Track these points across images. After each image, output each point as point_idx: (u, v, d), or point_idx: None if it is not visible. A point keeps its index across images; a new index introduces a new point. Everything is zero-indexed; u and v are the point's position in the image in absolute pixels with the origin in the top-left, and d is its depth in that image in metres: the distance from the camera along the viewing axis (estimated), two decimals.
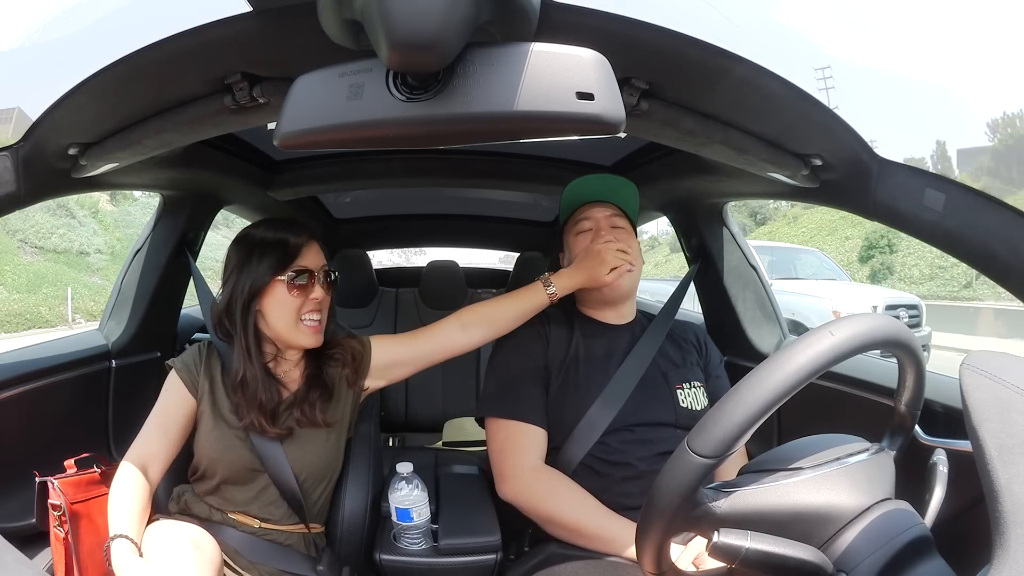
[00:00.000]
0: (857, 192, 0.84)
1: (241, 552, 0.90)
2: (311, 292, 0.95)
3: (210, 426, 0.94)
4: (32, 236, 12.76)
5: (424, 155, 1.52)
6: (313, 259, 0.97)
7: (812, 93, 0.72)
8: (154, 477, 0.91)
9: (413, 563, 1.00)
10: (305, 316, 0.95)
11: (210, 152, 1.21)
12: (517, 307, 1.04)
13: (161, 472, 0.93)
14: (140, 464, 0.89)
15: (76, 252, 12.84)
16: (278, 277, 0.93)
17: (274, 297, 0.94)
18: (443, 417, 2.06)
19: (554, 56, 0.52)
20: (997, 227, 0.68)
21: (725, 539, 0.53)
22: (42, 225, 13.09)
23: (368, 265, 2.20)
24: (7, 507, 0.95)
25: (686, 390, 1.03)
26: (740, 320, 1.35)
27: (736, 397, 0.51)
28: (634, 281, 1.06)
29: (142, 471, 0.88)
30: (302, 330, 0.95)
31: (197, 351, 1.00)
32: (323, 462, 0.97)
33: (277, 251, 0.94)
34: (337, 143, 0.56)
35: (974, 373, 0.45)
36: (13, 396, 1.01)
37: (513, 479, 0.97)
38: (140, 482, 0.87)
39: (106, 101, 0.77)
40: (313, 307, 0.95)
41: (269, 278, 0.93)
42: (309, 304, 0.95)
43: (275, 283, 0.94)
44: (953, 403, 0.87)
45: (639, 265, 1.06)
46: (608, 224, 1.07)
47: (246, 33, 0.64)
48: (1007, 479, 0.39)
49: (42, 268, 12.07)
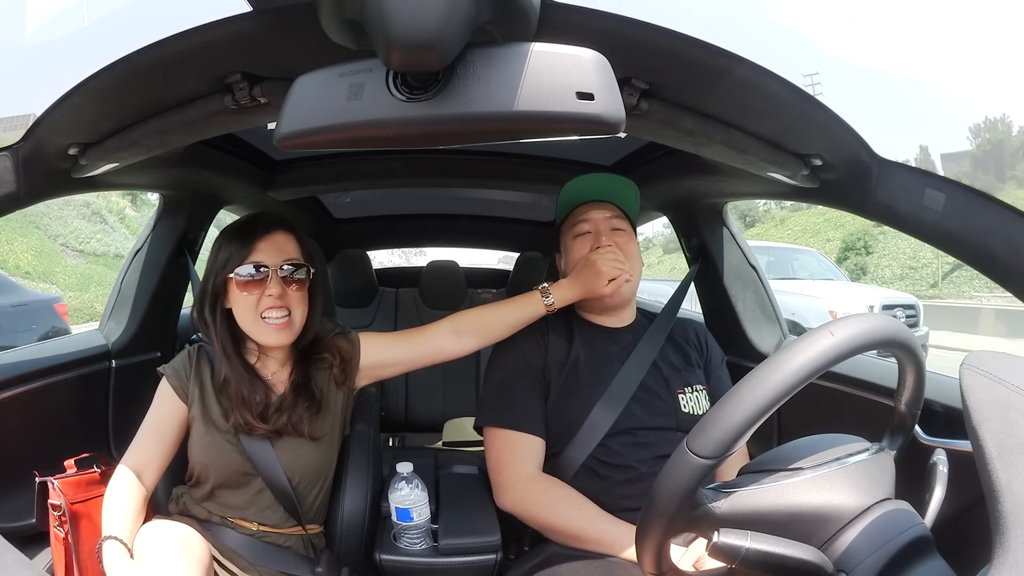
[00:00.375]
0: (857, 192, 0.84)
1: (240, 553, 0.90)
2: (266, 288, 0.90)
3: (201, 432, 0.93)
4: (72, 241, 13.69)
5: (424, 155, 1.52)
6: (271, 253, 0.92)
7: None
8: (149, 483, 0.90)
9: (413, 563, 1.00)
10: (265, 313, 0.91)
11: (210, 152, 1.21)
12: (512, 316, 1.02)
13: (156, 478, 0.92)
14: (135, 470, 0.89)
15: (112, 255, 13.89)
16: (229, 275, 0.91)
17: (232, 294, 0.92)
18: (443, 417, 2.06)
19: (554, 56, 0.52)
20: (997, 227, 0.68)
21: (725, 539, 0.52)
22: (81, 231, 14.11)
23: (368, 265, 2.20)
24: (7, 507, 0.95)
25: (688, 394, 1.03)
26: (740, 320, 1.35)
27: (736, 398, 0.51)
28: (634, 288, 1.05)
29: (137, 476, 0.88)
30: (264, 328, 0.91)
31: (187, 356, 0.99)
32: (316, 465, 0.96)
33: (231, 247, 0.92)
34: (337, 143, 0.57)
35: (974, 373, 0.45)
36: (13, 396, 1.01)
37: (510, 490, 0.97)
38: (134, 487, 0.87)
39: (106, 101, 0.77)
40: (271, 304, 0.91)
41: (224, 275, 0.91)
42: (266, 301, 0.91)
43: (229, 280, 0.91)
44: (953, 403, 0.87)
45: (638, 268, 1.05)
46: (608, 227, 1.05)
47: (246, 33, 0.64)
48: (1007, 479, 0.39)
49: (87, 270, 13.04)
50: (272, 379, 0.97)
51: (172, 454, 0.94)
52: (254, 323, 0.92)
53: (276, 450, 0.93)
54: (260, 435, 0.92)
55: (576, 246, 1.06)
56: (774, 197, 1.15)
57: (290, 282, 0.93)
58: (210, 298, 0.93)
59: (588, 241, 1.04)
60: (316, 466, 0.96)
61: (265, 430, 0.91)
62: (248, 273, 0.90)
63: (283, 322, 0.92)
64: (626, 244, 1.04)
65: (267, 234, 0.93)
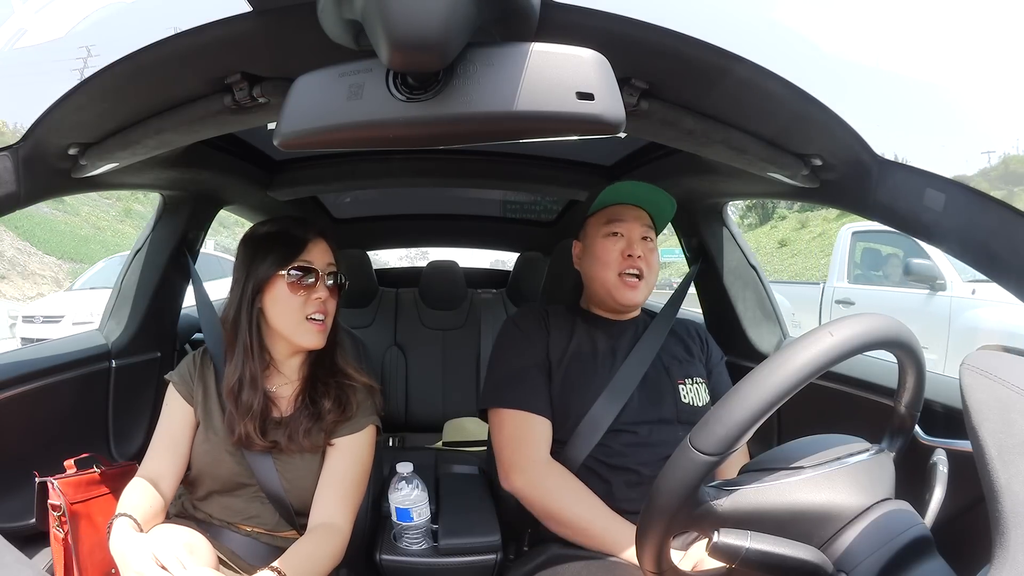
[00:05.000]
0: (857, 192, 0.84)
1: (239, 554, 0.90)
2: (314, 292, 0.92)
3: (201, 437, 0.93)
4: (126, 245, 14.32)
5: (424, 155, 1.52)
6: (319, 257, 0.94)
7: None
8: (167, 492, 0.90)
9: (413, 563, 1.00)
10: (313, 315, 0.92)
11: (210, 152, 1.21)
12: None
13: (173, 488, 0.92)
14: (151, 480, 0.88)
15: None
16: (280, 272, 0.91)
17: (276, 294, 0.91)
18: (443, 417, 2.06)
19: (554, 56, 0.52)
20: (997, 227, 0.68)
21: (725, 539, 0.52)
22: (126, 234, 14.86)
23: (368, 265, 2.20)
24: (7, 507, 0.95)
25: (688, 385, 1.03)
26: (740, 320, 1.35)
27: (739, 395, 0.51)
28: (645, 295, 1.06)
29: (153, 485, 0.88)
30: (306, 328, 0.92)
31: (192, 360, 0.99)
32: (314, 477, 0.94)
33: (281, 245, 0.92)
34: (337, 143, 0.56)
35: (974, 373, 0.45)
36: (13, 396, 1.01)
37: (524, 471, 0.96)
38: (150, 492, 0.87)
39: (106, 101, 0.77)
40: (317, 307, 0.92)
41: (272, 272, 0.91)
42: (313, 304, 0.92)
43: (276, 278, 0.91)
44: (953, 403, 0.87)
45: (655, 278, 1.06)
46: (639, 235, 1.05)
47: (246, 33, 0.64)
48: (1007, 479, 0.39)
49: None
50: (275, 392, 0.96)
51: (187, 461, 0.93)
52: (298, 324, 0.92)
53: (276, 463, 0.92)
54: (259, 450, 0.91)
55: (606, 244, 1.06)
56: (774, 197, 1.15)
57: (332, 288, 0.95)
58: (249, 295, 0.92)
59: (618, 244, 1.05)
60: (314, 478, 0.94)
61: (263, 446, 0.90)
62: (298, 273, 0.91)
63: (323, 324, 0.93)
64: (650, 255, 1.05)
65: (316, 238, 0.95)
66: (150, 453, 0.92)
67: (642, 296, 1.05)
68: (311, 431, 0.92)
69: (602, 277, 1.05)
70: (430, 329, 2.20)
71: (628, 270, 1.03)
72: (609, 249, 1.05)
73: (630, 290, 1.03)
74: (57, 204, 16.57)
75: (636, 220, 1.06)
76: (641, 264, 1.03)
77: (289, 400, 0.96)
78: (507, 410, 1.01)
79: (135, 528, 0.79)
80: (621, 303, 1.05)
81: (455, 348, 2.17)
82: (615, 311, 1.09)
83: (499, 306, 2.20)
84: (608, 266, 1.04)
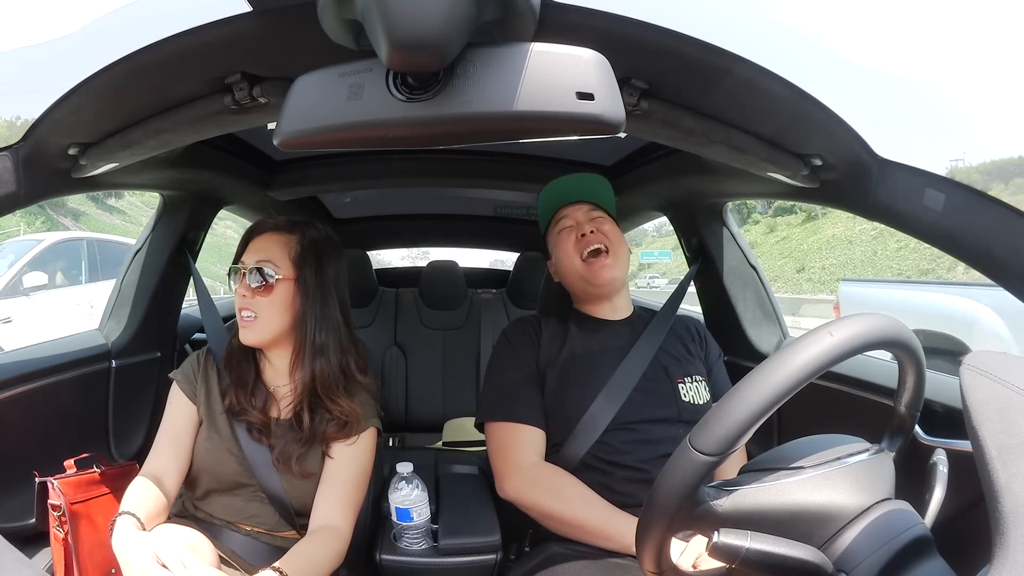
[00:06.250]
0: (857, 192, 0.84)
1: (239, 554, 0.90)
2: (240, 289, 0.93)
3: (203, 436, 0.93)
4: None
5: (424, 155, 1.52)
6: (252, 253, 0.94)
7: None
8: (170, 490, 0.90)
9: (413, 563, 1.00)
10: (241, 310, 0.93)
11: (210, 152, 1.21)
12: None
13: (177, 486, 0.92)
14: (154, 478, 0.88)
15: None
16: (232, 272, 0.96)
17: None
18: (443, 417, 2.06)
19: (554, 56, 0.52)
20: (997, 227, 0.68)
21: (725, 539, 0.52)
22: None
23: (368, 265, 2.20)
24: (7, 507, 0.95)
25: (687, 384, 1.04)
26: (740, 320, 1.35)
27: (739, 395, 0.51)
28: (620, 271, 1.06)
29: (156, 484, 0.88)
30: (240, 324, 0.94)
31: (195, 359, 1.00)
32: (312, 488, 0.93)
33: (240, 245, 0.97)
34: (337, 143, 0.56)
35: (974, 373, 0.45)
36: (13, 396, 1.01)
37: (513, 477, 0.97)
38: (153, 490, 0.87)
39: (106, 101, 0.77)
40: (241, 304, 0.93)
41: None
42: (238, 301, 0.93)
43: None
44: (953, 403, 0.87)
45: (623, 252, 1.07)
46: (587, 218, 1.09)
47: (246, 33, 0.64)
48: (1007, 479, 0.39)
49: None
50: (275, 392, 0.97)
51: (190, 459, 0.94)
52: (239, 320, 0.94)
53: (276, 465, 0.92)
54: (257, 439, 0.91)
55: (561, 240, 1.09)
56: (774, 197, 1.15)
57: (254, 285, 0.92)
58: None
59: (571, 234, 1.08)
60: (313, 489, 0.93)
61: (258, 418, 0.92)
62: (233, 272, 0.95)
63: (247, 320, 0.93)
64: (603, 225, 1.07)
65: (261, 234, 0.95)
66: (153, 451, 0.92)
67: (617, 272, 1.05)
68: (305, 457, 0.92)
69: (571, 269, 1.07)
70: (430, 329, 2.20)
71: (588, 248, 1.05)
72: (565, 241, 1.08)
73: (600, 268, 1.04)
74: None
75: (578, 208, 1.11)
76: (598, 238, 1.05)
77: (287, 404, 0.96)
78: (496, 423, 1.03)
79: (138, 526, 0.79)
80: (597, 284, 1.05)
81: (455, 348, 2.17)
82: (601, 300, 1.10)
83: (499, 306, 2.20)
84: (571, 256, 1.07)
